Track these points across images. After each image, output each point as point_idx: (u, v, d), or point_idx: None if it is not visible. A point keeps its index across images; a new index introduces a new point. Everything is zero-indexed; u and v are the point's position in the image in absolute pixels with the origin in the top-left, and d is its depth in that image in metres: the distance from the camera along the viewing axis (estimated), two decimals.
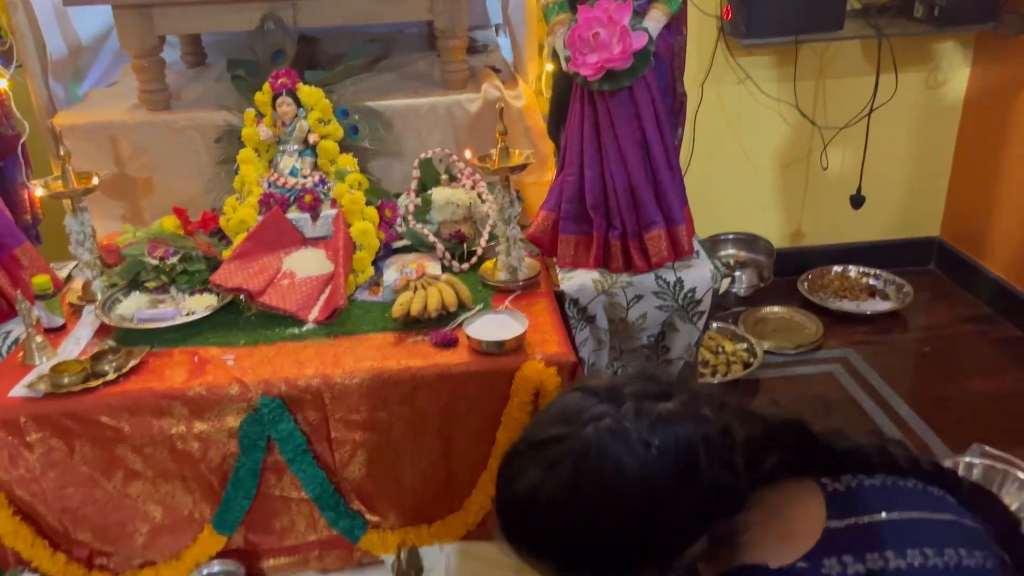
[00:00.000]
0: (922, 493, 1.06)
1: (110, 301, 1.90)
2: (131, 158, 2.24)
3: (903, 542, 0.98)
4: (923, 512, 1.03)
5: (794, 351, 2.76)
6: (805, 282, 3.08)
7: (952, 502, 1.07)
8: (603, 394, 0.97)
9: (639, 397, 0.96)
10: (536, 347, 1.74)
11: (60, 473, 1.68)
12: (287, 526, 1.81)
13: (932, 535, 1.00)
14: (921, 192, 3.18)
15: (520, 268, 1.96)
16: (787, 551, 0.97)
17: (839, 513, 1.00)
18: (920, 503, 1.04)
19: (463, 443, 1.76)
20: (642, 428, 0.92)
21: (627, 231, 1.98)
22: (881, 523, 1.00)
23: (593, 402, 0.96)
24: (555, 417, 0.98)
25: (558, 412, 0.98)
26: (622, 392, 0.97)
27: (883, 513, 1.01)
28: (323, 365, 1.70)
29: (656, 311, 2.05)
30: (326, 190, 2.05)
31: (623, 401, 0.95)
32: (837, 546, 0.97)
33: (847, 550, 0.97)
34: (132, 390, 1.66)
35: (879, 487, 1.05)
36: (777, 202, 3.15)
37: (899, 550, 0.97)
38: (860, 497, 1.03)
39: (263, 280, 1.89)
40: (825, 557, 0.96)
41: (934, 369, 2.69)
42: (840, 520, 1.00)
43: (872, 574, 0.95)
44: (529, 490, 0.93)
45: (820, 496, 1.02)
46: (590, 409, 0.95)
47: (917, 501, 1.04)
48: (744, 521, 0.98)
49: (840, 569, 0.95)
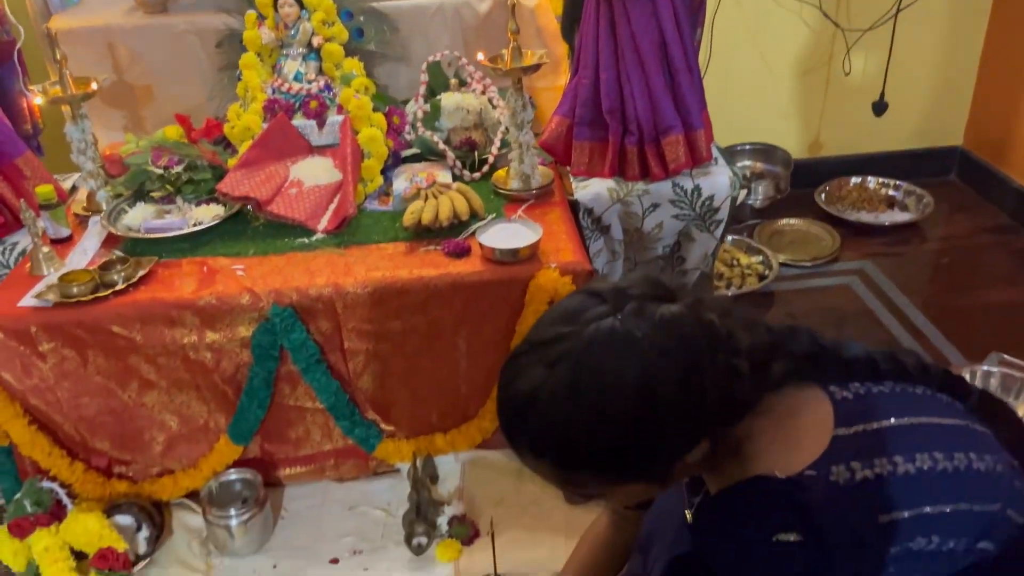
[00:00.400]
0: (931, 399, 1.05)
1: (116, 211, 1.87)
2: (129, 65, 2.17)
3: (912, 447, 0.97)
4: (932, 417, 1.02)
5: (810, 263, 2.71)
6: (823, 193, 3.01)
7: (961, 408, 1.06)
8: (606, 295, 0.95)
9: (642, 299, 0.94)
10: (551, 255, 1.70)
11: (74, 383, 1.68)
12: (302, 435, 1.82)
13: (941, 439, 0.99)
14: (945, 98, 3.07)
15: (533, 176, 1.90)
16: (795, 459, 0.96)
17: (847, 420, 0.99)
18: (929, 408, 1.03)
19: (477, 352, 1.75)
20: (644, 329, 0.91)
21: (644, 136, 1.92)
22: (889, 428, 0.99)
23: (596, 303, 0.95)
24: (557, 318, 0.96)
25: (560, 313, 0.96)
26: (626, 293, 0.95)
27: (892, 419, 0.99)
28: (334, 275, 1.67)
29: (672, 220, 2.00)
30: (332, 96, 1.99)
31: (626, 302, 0.93)
32: (845, 453, 0.96)
33: (855, 456, 0.95)
34: (142, 300, 1.64)
35: (888, 393, 1.03)
36: (796, 110, 3.05)
37: (908, 455, 0.96)
38: (868, 404, 1.01)
39: (270, 189, 1.85)
40: (833, 464, 0.95)
41: (952, 280, 2.64)
42: (848, 427, 0.98)
43: (881, 479, 0.94)
44: (529, 389, 0.92)
45: (828, 403, 1.01)
46: (592, 309, 0.94)
47: (926, 407, 1.03)
48: (750, 429, 0.97)
49: (848, 475, 0.94)
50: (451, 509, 1.77)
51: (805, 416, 0.99)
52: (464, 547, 1.70)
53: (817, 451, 0.96)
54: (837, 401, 1.01)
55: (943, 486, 0.97)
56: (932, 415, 1.02)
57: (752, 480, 0.97)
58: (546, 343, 0.93)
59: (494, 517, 1.68)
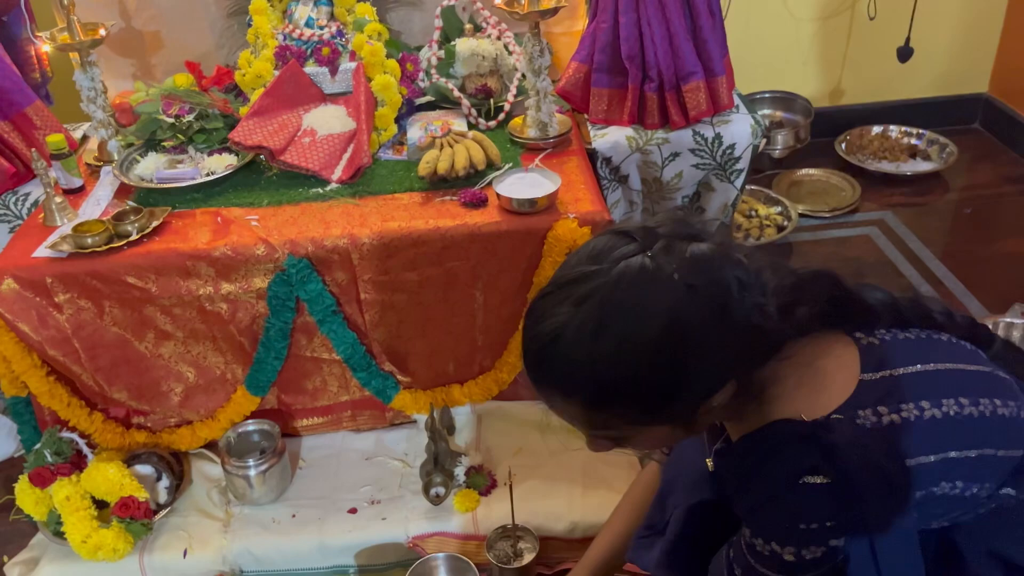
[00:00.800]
0: (956, 346, 1.05)
1: (127, 161, 1.84)
2: (137, 10, 2.12)
3: (938, 392, 0.97)
4: (958, 364, 1.02)
5: (829, 214, 2.67)
6: (843, 143, 2.96)
7: (984, 356, 1.06)
8: (635, 234, 0.93)
9: (671, 237, 0.92)
10: (569, 205, 1.68)
11: (91, 334, 1.68)
12: (319, 387, 1.82)
13: (967, 385, 0.99)
14: (971, 44, 2.99)
15: (551, 124, 1.86)
16: (821, 403, 0.96)
17: (873, 366, 0.98)
18: (954, 355, 1.03)
19: (494, 304, 1.73)
20: (672, 266, 0.89)
21: (664, 83, 1.87)
22: (916, 374, 0.98)
23: (624, 241, 0.93)
24: (584, 258, 0.94)
25: (588, 253, 0.95)
26: (654, 232, 0.93)
27: (918, 365, 0.99)
28: (349, 225, 1.65)
29: (692, 170, 1.97)
30: (344, 42, 1.94)
31: (655, 241, 0.92)
32: (872, 397, 0.95)
33: (882, 401, 0.95)
34: (157, 250, 1.63)
35: (913, 340, 1.03)
36: (817, 57, 2.97)
37: (934, 400, 0.96)
38: (894, 350, 1.01)
39: (283, 138, 1.81)
40: (859, 408, 0.95)
41: (975, 230, 2.60)
42: (874, 372, 0.98)
43: (907, 423, 0.94)
44: (556, 327, 0.90)
45: (854, 349, 1.00)
46: (621, 248, 0.92)
47: (951, 354, 1.03)
48: (775, 373, 0.96)
49: (875, 420, 0.94)
50: (468, 460, 1.77)
51: (830, 361, 0.99)
52: (482, 497, 1.71)
53: (843, 395, 0.96)
54: (863, 347, 1.00)
55: (969, 431, 0.96)
56: (958, 362, 1.02)
57: (777, 423, 0.96)
58: (573, 281, 0.92)
59: (511, 468, 1.68)
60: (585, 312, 0.89)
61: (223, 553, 1.66)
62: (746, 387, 0.95)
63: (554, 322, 0.91)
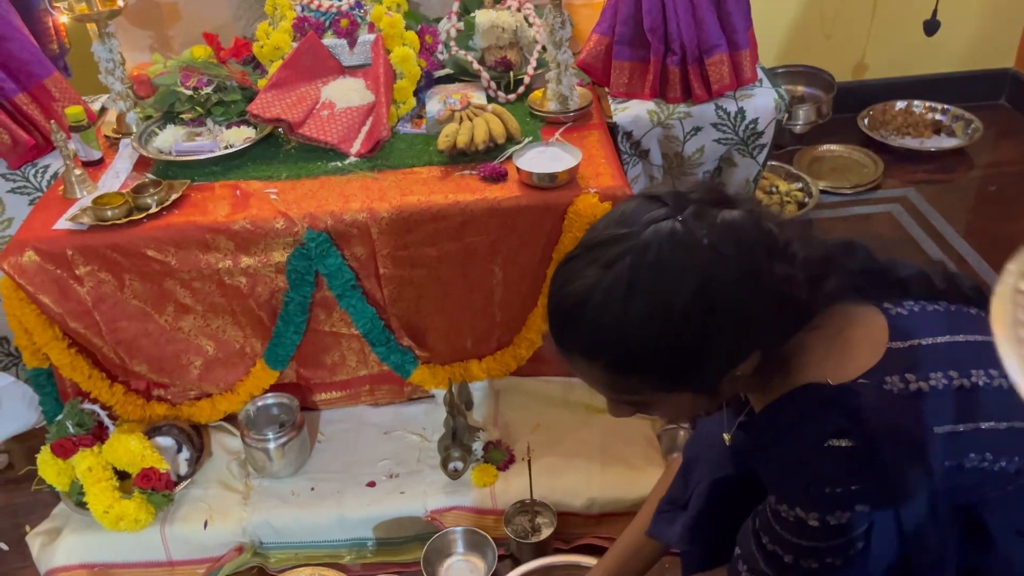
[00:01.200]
0: (984, 320, 1.02)
1: (146, 134, 1.84)
2: None
3: (967, 362, 0.96)
4: (987, 336, 0.99)
5: (851, 190, 2.64)
6: (866, 118, 2.91)
7: None
8: (665, 198, 0.92)
9: (702, 203, 0.91)
10: (590, 180, 1.66)
11: (111, 306, 1.68)
12: (338, 361, 1.82)
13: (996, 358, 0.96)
14: (999, 18, 2.92)
15: (571, 97, 1.84)
16: (848, 368, 0.95)
17: (902, 335, 0.97)
18: (984, 328, 1.01)
19: (513, 279, 1.72)
20: (703, 231, 0.88)
21: (687, 56, 1.84)
22: (945, 344, 0.97)
23: (655, 206, 0.92)
24: (613, 221, 0.93)
25: (617, 216, 0.94)
26: (686, 197, 0.92)
27: (947, 336, 0.98)
28: (369, 199, 1.64)
29: (714, 144, 1.94)
30: (363, 13, 1.92)
31: (687, 205, 0.91)
32: (900, 365, 0.94)
33: (910, 369, 0.94)
34: (176, 223, 1.63)
35: (943, 312, 1.02)
36: (841, 30, 2.92)
37: (964, 370, 0.95)
38: (923, 321, 1.00)
39: (302, 111, 1.80)
40: (887, 375, 0.94)
41: (999, 208, 2.56)
42: (903, 341, 0.97)
43: (936, 392, 0.93)
44: (584, 289, 0.89)
45: (882, 318, 0.99)
46: (651, 212, 0.91)
47: (980, 326, 1.01)
48: (802, 343, 0.95)
49: (903, 386, 0.93)
50: (486, 435, 1.77)
51: (859, 329, 0.98)
52: (499, 472, 1.71)
53: (870, 362, 0.95)
54: (892, 316, 1.00)
55: (999, 403, 0.95)
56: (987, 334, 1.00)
57: (803, 388, 0.96)
58: (602, 244, 0.91)
59: (530, 443, 1.68)
60: (614, 275, 0.88)
61: (243, 525, 1.67)
62: (772, 358, 0.94)
63: (582, 284, 0.90)
